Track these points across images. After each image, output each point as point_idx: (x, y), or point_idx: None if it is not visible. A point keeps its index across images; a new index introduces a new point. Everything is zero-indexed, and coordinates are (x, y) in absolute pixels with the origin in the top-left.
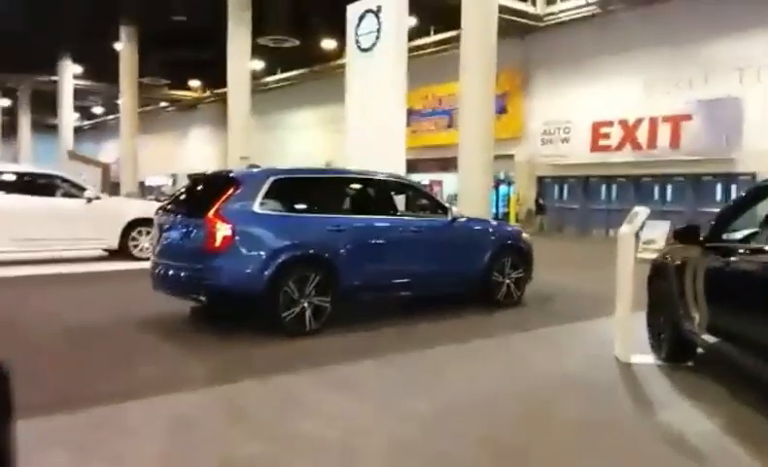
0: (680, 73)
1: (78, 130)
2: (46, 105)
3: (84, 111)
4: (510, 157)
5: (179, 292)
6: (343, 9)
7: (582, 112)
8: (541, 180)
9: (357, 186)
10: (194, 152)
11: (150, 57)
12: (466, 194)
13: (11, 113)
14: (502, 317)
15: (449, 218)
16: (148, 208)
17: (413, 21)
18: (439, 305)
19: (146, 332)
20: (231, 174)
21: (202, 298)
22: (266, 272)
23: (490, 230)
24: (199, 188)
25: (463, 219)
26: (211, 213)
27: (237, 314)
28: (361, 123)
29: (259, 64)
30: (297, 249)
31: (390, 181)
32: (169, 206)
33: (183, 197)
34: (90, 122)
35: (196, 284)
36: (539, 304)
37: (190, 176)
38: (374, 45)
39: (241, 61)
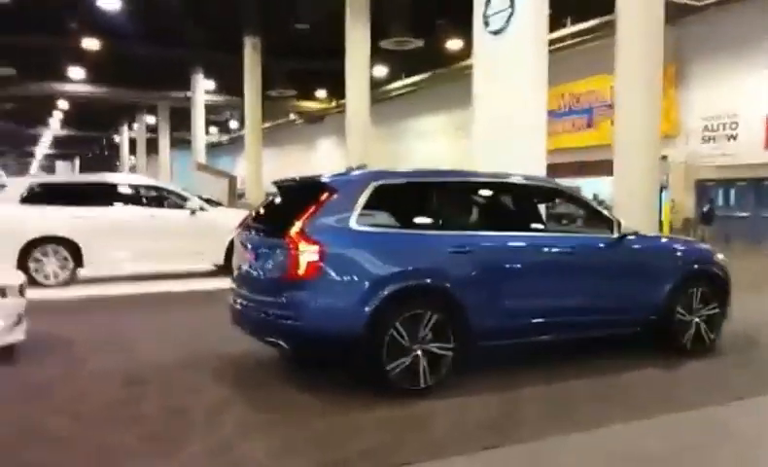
0: None
1: (216, 146)
2: (184, 121)
3: (221, 126)
4: (663, 158)
5: (255, 332)
6: (469, 3)
7: (753, 103)
8: (700, 184)
9: (489, 192)
10: (321, 163)
11: (276, 69)
12: (623, 202)
13: (155, 130)
14: (693, 373)
15: (616, 235)
16: None
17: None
18: (597, 351)
19: (220, 380)
20: (322, 179)
21: (282, 342)
22: (366, 309)
23: (672, 250)
24: (283, 199)
25: (633, 236)
26: (293, 231)
27: (330, 362)
28: (490, 121)
29: (381, 71)
30: (409, 278)
31: (533, 185)
32: (250, 222)
33: (264, 210)
34: (227, 136)
35: (274, 325)
36: (740, 351)
37: (275, 183)
38: (507, 25)
39: (360, 65)
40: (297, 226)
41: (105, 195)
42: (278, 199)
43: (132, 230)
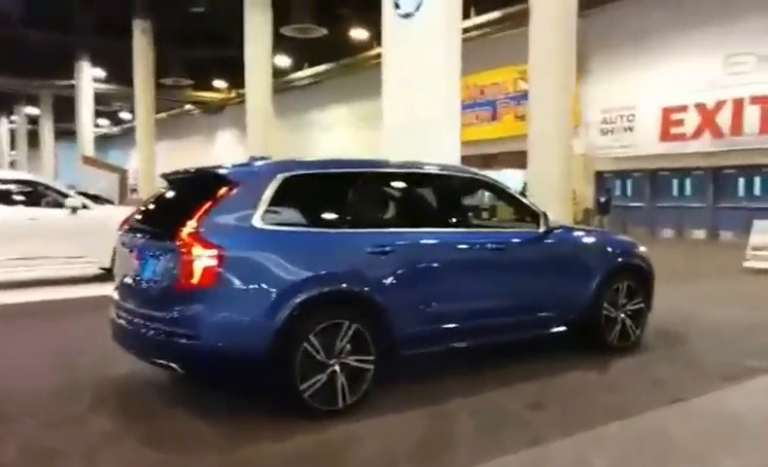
0: None
1: (107, 137)
2: (70, 112)
3: (112, 117)
4: None
5: (142, 353)
6: None
7: (650, 96)
8: (600, 175)
9: (409, 185)
10: (221, 156)
11: (171, 57)
12: (538, 193)
13: (38, 122)
14: (625, 373)
15: (543, 229)
16: None
17: None
18: (519, 353)
19: (102, 410)
20: (220, 171)
21: (174, 365)
22: (275, 322)
23: (598, 244)
24: (174, 194)
25: (560, 229)
26: (186, 232)
27: (233, 385)
28: (401, 108)
29: (284, 60)
30: (323, 284)
31: (456, 176)
32: (134, 222)
33: (151, 208)
34: (119, 128)
35: (164, 344)
36: (664, 345)
37: (164, 176)
38: (419, 7)
39: (261, 51)
40: (191, 226)
41: None
42: (168, 195)
43: (1, 232)
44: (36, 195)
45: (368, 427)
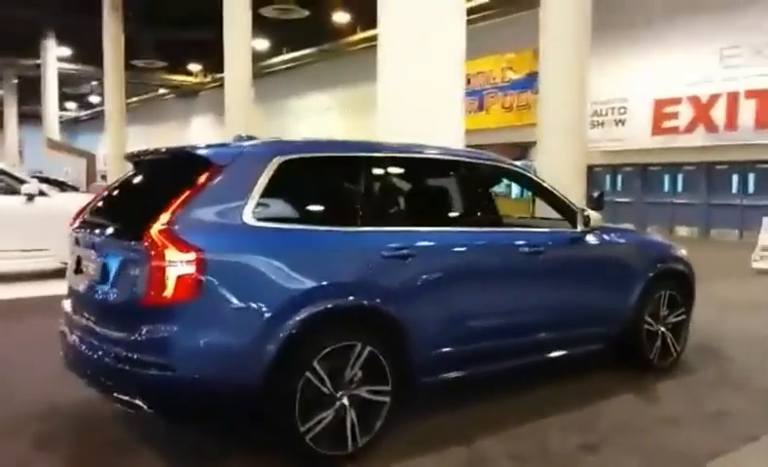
0: None
1: (76, 121)
2: (36, 94)
3: (81, 100)
4: None
5: (99, 384)
6: None
7: (642, 89)
8: (590, 170)
9: (431, 173)
10: (196, 142)
11: (142, 37)
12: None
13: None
14: (675, 399)
15: (580, 228)
16: None
17: None
18: (545, 375)
19: (51, 449)
20: (201, 152)
21: (139, 402)
22: (271, 347)
23: (638, 246)
24: (142, 181)
25: (599, 230)
26: (156, 229)
27: (216, 424)
28: (400, 90)
29: (262, 43)
30: (331, 296)
31: (484, 165)
32: (89, 216)
33: (111, 198)
34: (88, 112)
35: (129, 376)
36: (706, 362)
37: (129, 157)
38: None
39: (240, 32)
40: (162, 221)
41: None
42: (134, 181)
43: None
44: None
45: None
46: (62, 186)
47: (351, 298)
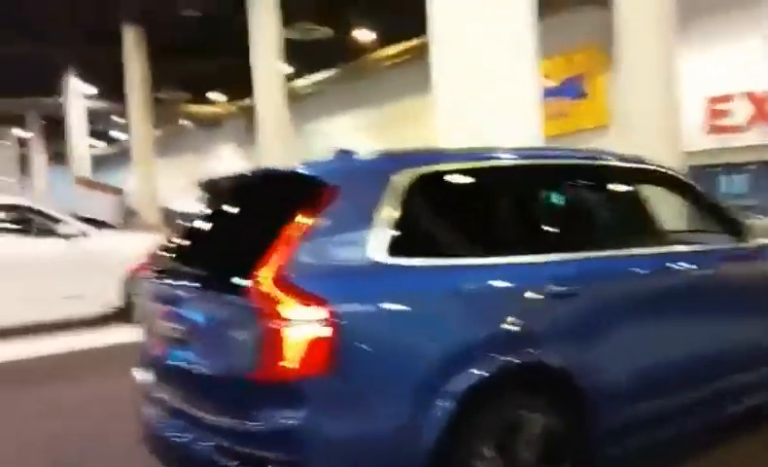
0: None
1: (103, 159)
2: (61, 132)
3: (104, 136)
4: None
5: None
6: None
7: (692, 86)
8: None
9: (593, 184)
10: (218, 172)
11: (163, 68)
12: None
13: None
14: None
15: (752, 243)
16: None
17: None
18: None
19: None
20: (306, 172)
21: None
22: (428, 428)
23: None
24: (227, 214)
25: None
26: (264, 277)
27: None
28: (462, 97)
29: (284, 68)
30: (496, 354)
31: (639, 170)
32: (164, 261)
33: (190, 237)
34: (113, 148)
35: None
36: None
37: (203, 186)
38: None
39: (268, 52)
40: (273, 265)
41: None
42: (215, 215)
43: None
44: (22, 221)
45: None
46: (97, 224)
47: (522, 354)
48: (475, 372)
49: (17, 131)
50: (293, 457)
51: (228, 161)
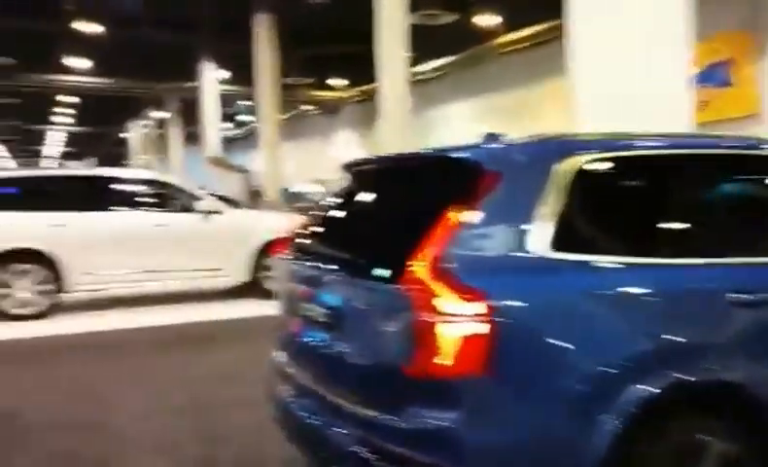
0: None
1: (232, 141)
2: (194, 114)
3: (232, 119)
4: None
5: None
6: None
7: None
8: None
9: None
10: (336, 158)
11: (292, 54)
12: None
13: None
14: None
15: None
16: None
17: None
18: None
19: None
20: (462, 155)
21: None
22: (595, 442)
23: None
24: (374, 198)
25: None
26: (421, 266)
27: None
28: (604, 90)
29: (408, 54)
30: (672, 368)
31: None
32: (307, 244)
33: (334, 221)
34: (240, 130)
35: None
36: None
37: (348, 167)
38: None
39: (393, 39)
40: (429, 254)
41: (92, 195)
42: (360, 198)
43: (128, 240)
44: (164, 197)
45: None
46: (227, 201)
47: (700, 370)
48: (645, 387)
49: (155, 113)
50: (438, 461)
51: (346, 145)
